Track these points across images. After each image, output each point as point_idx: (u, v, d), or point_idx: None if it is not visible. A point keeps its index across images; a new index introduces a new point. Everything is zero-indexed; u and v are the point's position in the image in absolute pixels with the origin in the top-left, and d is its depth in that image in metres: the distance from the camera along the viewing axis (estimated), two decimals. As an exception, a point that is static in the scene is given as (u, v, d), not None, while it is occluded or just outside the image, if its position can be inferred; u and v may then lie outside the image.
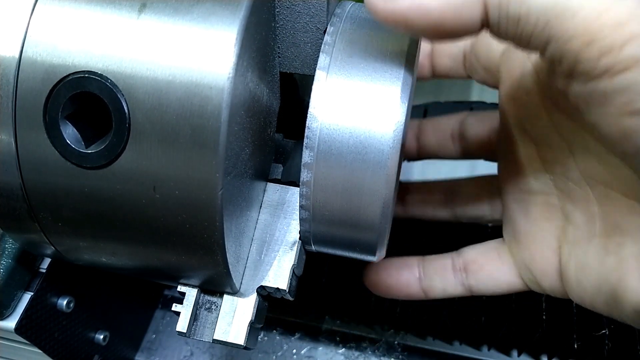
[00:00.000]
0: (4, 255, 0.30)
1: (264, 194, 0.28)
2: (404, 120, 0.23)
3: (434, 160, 0.40)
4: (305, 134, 0.24)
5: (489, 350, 0.44)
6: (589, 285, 0.26)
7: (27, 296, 0.32)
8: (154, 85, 0.21)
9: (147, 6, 0.21)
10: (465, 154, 0.36)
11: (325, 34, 0.25)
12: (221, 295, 0.27)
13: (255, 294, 0.27)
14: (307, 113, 0.24)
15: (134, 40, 0.21)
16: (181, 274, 0.26)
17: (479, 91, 0.60)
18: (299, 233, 0.27)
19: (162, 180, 0.21)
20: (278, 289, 0.26)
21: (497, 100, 0.32)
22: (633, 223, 0.24)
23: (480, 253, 0.31)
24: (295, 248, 0.27)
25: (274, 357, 0.46)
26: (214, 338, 0.26)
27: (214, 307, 0.27)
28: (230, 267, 0.24)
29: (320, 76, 0.24)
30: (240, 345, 0.26)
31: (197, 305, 0.27)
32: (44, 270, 0.32)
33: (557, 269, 0.28)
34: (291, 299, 0.28)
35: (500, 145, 0.32)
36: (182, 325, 0.26)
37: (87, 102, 0.22)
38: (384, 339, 0.46)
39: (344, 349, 0.46)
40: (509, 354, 0.44)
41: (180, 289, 0.27)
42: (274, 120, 0.28)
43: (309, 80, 0.25)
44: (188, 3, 0.21)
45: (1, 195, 0.24)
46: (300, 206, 0.25)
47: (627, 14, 0.19)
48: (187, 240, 0.23)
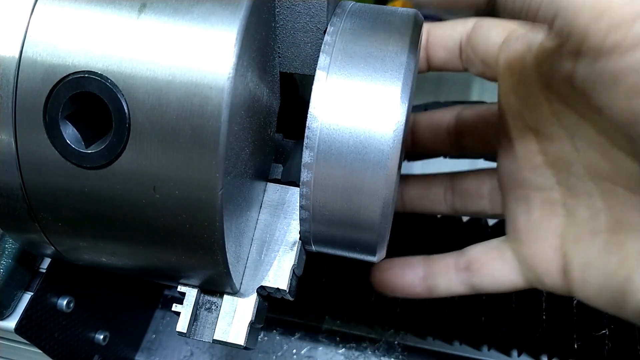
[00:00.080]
0: (4, 255, 0.30)
1: (264, 194, 0.28)
2: (404, 121, 0.23)
3: (433, 160, 0.39)
4: (305, 134, 0.24)
5: (489, 350, 0.44)
6: (593, 283, 0.26)
7: (27, 296, 0.32)
8: (154, 85, 0.21)
9: (147, 6, 0.21)
10: (460, 149, 0.35)
11: (326, 34, 0.25)
12: (221, 296, 0.27)
13: (255, 294, 0.27)
14: (307, 113, 0.24)
15: (134, 40, 0.21)
16: (181, 274, 0.26)
17: (479, 91, 0.60)
18: (299, 233, 0.27)
19: (162, 180, 0.21)
20: (278, 289, 0.26)
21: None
22: (638, 219, 0.24)
23: (483, 252, 0.31)
24: (295, 248, 0.27)
25: (274, 357, 0.46)
26: (214, 338, 0.26)
27: (214, 307, 0.27)
28: (230, 267, 0.24)
29: (320, 76, 0.24)
30: (240, 345, 0.26)
31: (197, 306, 0.27)
32: (44, 270, 0.32)
33: (560, 267, 0.28)
34: (291, 299, 0.28)
35: (500, 140, 0.31)
36: (182, 325, 0.26)
37: (87, 102, 0.22)
38: (384, 339, 0.46)
39: (344, 349, 0.46)
40: (509, 354, 0.44)
41: (180, 289, 0.27)
42: (274, 120, 0.28)
43: (309, 80, 0.25)
44: (188, 3, 0.21)
45: (1, 195, 0.24)
46: (301, 206, 0.25)
47: None
48: (187, 240, 0.23)
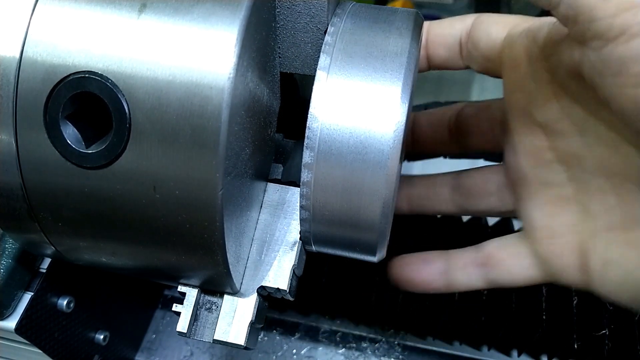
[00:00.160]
0: (4, 255, 0.30)
1: (264, 194, 0.28)
2: (404, 121, 0.23)
3: (434, 160, 0.39)
4: (305, 134, 0.24)
5: (489, 350, 0.44)
6: (614, 279, 0.25)
7: (27, 296, 0.32)
8: (154, 85, 0.21)
9: (147, 6, 0.21)
10: (462, 147, 0.35)
11: (326, 34, 0.25)
12: (221, 296, 0.27)
13: (255, 294, 0.27)
14: (308, 113, 0.24)
15: (134, 40, 0.21)
16: (181, 274, 0.26)
17: (479, 91, 0.60)
18: (299, 233, 0.27)
19: (162, 180, 0.21)
20: (278, 289, 0.26)
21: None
22: None
23: (500, 247, 0.31)
24: (295, 248, 0.27)
25: (274, 357, 0.46)
26: (214, 338, 0.26)
27: (214, 307, 0.27)
28: (230, 267, 0.24)
29: (320, 76, 0.24)
30: (241, 345, 0.26)
31: (198, 306, 0.27)
32: (44, 270, 0.32)
33: (579, 263, 0.27)
34: (291, 299, 0.28)
35: (507, 136, 0.30)
36: (183, 325, 0.26)
37: (88, 102, 0.22)
38: (384, 339, 0.46)
39: (344, 349, 0.46)
40: (509, 354, 0.44)
41: (181, 289, 0.27)
42: (274, 120, 0.28)
43: (309, 80, 0.25)
44: (188, 3, 0.21)
45: (1, 195, 0.24)
46: (301, 206, 0.25)
47: None
48: (187, 240, 0.23)
